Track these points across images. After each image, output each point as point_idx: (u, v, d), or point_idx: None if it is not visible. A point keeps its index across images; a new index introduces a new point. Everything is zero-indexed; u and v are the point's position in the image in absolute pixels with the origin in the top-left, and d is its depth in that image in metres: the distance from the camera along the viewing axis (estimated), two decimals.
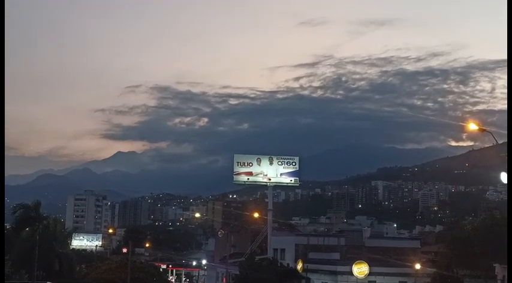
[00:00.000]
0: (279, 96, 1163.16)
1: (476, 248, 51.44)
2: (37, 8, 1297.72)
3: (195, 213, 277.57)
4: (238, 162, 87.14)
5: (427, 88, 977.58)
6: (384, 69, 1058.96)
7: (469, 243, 52.81)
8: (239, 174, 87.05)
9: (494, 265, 47.83)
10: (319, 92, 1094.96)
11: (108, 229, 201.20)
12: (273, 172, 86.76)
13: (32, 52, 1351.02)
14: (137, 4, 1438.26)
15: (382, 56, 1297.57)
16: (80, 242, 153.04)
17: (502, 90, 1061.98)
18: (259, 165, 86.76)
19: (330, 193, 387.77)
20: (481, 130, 31.42)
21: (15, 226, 60.85)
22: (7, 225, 67.03)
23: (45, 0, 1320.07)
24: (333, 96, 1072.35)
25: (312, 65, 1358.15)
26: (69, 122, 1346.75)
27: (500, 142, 42.43)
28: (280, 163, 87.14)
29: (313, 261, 71.36)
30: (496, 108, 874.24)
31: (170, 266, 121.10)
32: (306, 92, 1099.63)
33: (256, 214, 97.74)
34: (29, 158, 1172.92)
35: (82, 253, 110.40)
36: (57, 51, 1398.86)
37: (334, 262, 71.17)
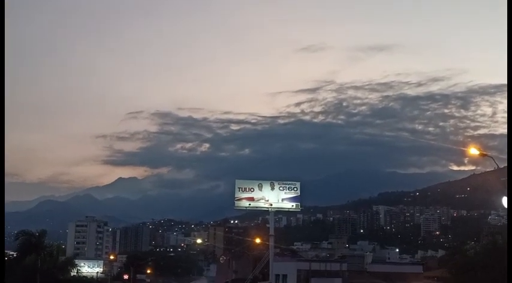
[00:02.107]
0: (280, 121, 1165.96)
1: (478, 273, 51.30)
2: (37, 36, 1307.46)
3: (196, 239, 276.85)
4: (239, 188, 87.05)
5: (428, 113, 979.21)
6: (384, 94, 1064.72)
7: (472, 268, 52.68)
8: (240, 199, 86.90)
9: None
10: (320, 117, 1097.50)
11: (109, 255, 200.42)
12: (275, 197, 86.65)
13: (32, 79, 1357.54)
14: (138, 31, 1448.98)
15: (383, 81, 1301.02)
16: (81, 269, 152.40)
17: (502, 115, 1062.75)
18: (261, 190, 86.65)
19: (331, 218, 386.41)
20: (482, 155, 31.58)
21: (17, 255, 60.85)
22: (8, 252, 66.91)
23: (45, 28, 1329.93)
24: (334, 121, 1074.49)
25: (313, 90, 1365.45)
26: (70, 148, 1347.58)
27: (501, 166, 42.66)
28: (281, 188, 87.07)
29: None
30: (497, 133, 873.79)
31: None
32: (307, 117, 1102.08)
33: (257, 240, 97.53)
34: (30, 184, 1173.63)
35: (83, 279, 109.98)
36: (58, 78, 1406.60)
37: None
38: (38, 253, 58.33)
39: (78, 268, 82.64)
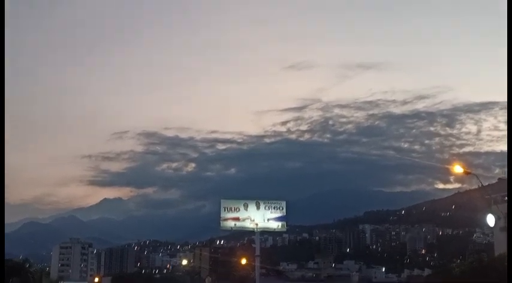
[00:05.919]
0: (267, 140, 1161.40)
1: None
2: (22, 55, 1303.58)
3: (182, 260, 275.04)
4: (225, 208, 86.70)
5: (414, 131, 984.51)
6: (370, 112, 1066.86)
7: None
8: (226, 219, 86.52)
9: None
10: (307, 136, 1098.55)
11: (94, 277, 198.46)
12: (260, 217, 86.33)
13: (16, 99, 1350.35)
14: (124, 50, 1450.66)
15: (369, 99, 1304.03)
16: None
17: (487, 133, 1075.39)
18: (246, 210, 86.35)
19: (317, 238, 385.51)
20: (466, 173, 31.71)
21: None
22: None
23: (30, 47, 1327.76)
24: (320, 139, 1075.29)
25: (299, 109, 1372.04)
26: (55, 168, 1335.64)
27: (485, 184, 42.87)
28: (267, 208, 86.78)
29: None
30: (482, 150, 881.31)
31: None
32: (293, 136, 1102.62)
33: (243, 261, 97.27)
34: (14, 206, 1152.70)
35: None
36: (43, 98, 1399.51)
37: None
38: (22, 277, 57.85)
39: None
